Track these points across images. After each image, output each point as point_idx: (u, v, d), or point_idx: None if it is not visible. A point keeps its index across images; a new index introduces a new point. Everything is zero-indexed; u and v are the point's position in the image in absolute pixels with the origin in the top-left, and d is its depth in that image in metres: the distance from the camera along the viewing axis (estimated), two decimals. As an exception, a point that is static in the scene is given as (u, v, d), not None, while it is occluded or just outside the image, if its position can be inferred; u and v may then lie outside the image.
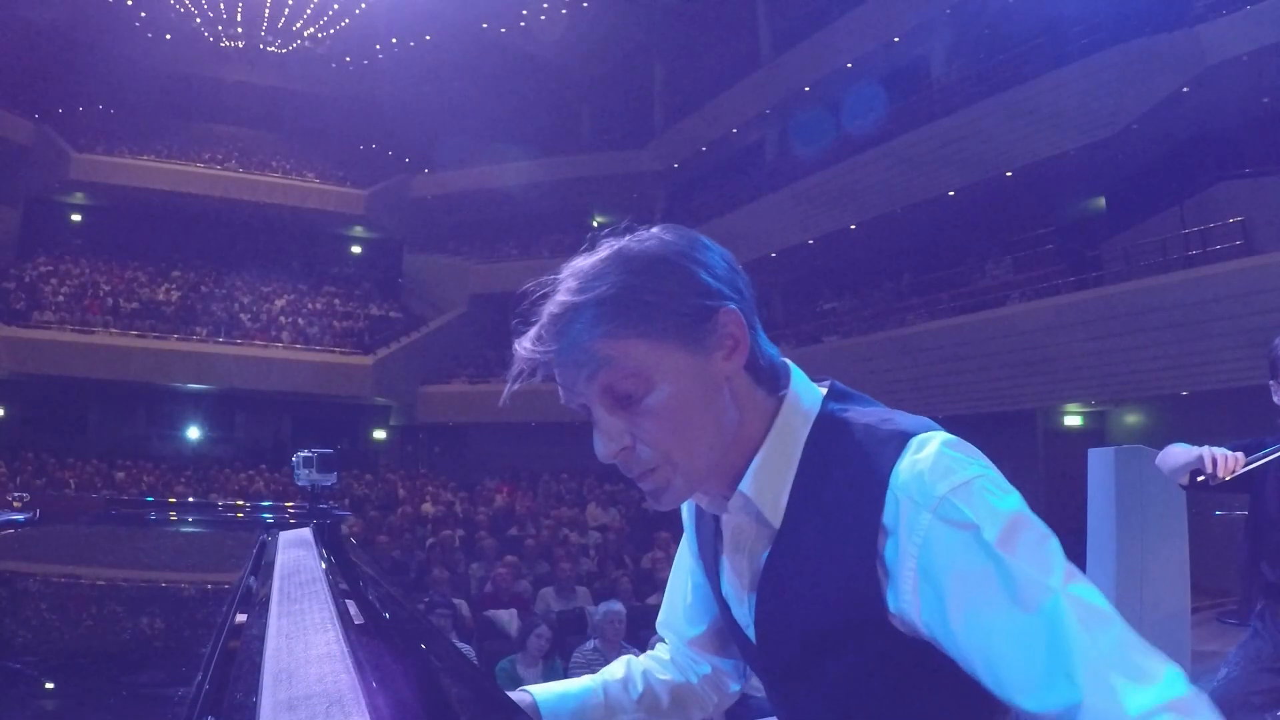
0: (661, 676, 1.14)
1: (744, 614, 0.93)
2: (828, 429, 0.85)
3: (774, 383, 0.88)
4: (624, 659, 1.17)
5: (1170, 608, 4.31)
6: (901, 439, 0.81)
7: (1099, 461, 4.79)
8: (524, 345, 0.84)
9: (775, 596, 0.87)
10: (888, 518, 0.78)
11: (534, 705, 1.06)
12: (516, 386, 0.86)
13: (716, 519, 0.95)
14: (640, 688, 1.12)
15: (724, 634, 1.09)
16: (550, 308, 0.83)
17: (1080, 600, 0.72)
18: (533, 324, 0.84)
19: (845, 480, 0.82)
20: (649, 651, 1.20)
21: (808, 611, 0.84)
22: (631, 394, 0.81)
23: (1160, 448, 4.72)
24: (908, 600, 0.78)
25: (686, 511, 1.08)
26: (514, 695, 1.04)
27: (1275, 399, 2.38)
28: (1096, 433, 13.04)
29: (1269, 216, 10.65)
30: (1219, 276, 10.21)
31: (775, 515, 0.85)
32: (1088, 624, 0.71)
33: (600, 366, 0.80)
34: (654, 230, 0.86)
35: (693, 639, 1.13)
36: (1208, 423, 10.00)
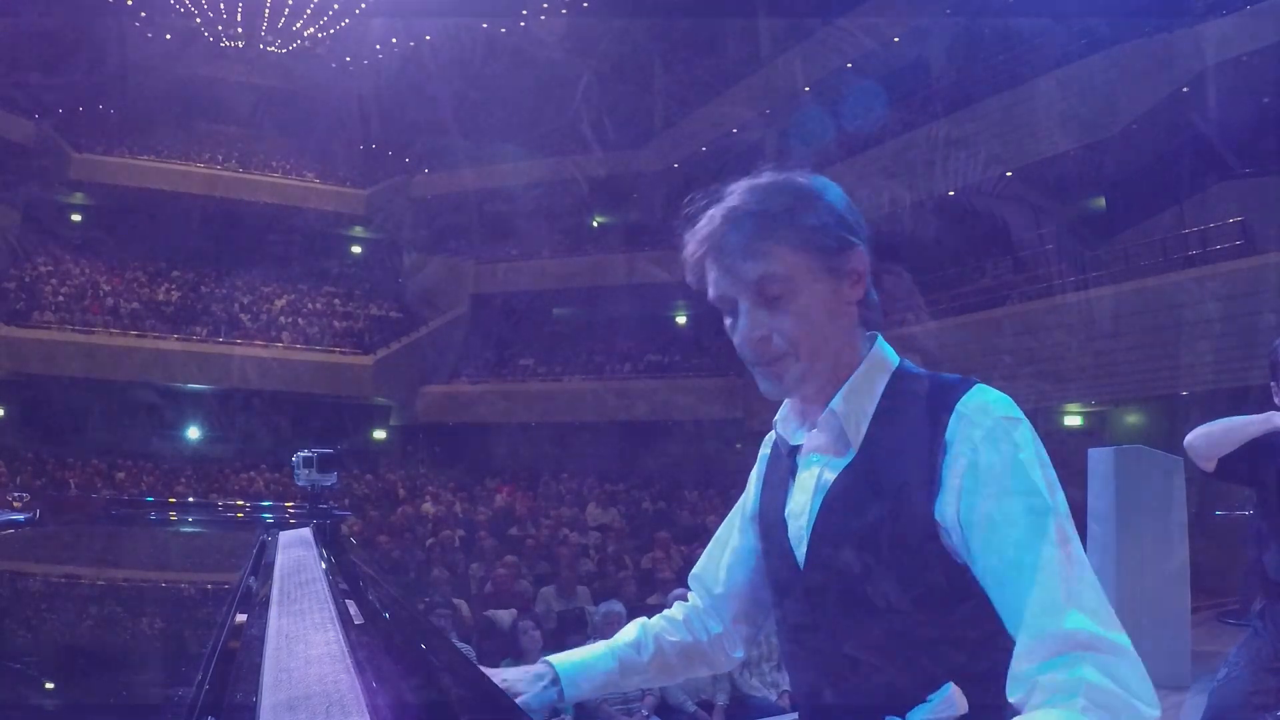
0: (671, 638, 1.22)
1: (799, 530, 1.04)
2: (905, 377, 1.03)
3: (871, 319, 1.05)
4: (637, 621, 1.25)
5: (1170, 608, 4.30)
6: (969, 382, 0.98)
7: (1099, 461, 4.79)
8: (696, 237, 1.01)
9: (838, 506, 1.00)
10: (949, 434, 0.93)
11: (555, 674, 1.15)
12: (690, 277, 1.04)
13: (791, 457, 1.09)
14: (651, 649, 1.21)
15: (748, 596, 1.20)
16: (723, 211, 0.99)
17: (1067, 533, 0.87)
18: (698, 224, 1.01)
19: (918, 413, 0.97)
20: (662, 612, 1.27)
21: (862, 521, 0.96)
22: (779, 295, 0.97)
23: (1160, 448, 4.70)
24: (950, 503, 0.91)
25: (757, 467, 1.20)
26: (536, 665, 1.16)
27: (1276, 400, 2.38)
28: (1096, 433, 13.04)
29: (1268, 216, 10.65)
30: (1219, 276, 10.21)
31: (856, 436, 1.00)
32: (1066, 549, 0.86)
33: (761, 267, 0.97)
34: (806, 173, 1.05)
35: (719, 594, 1.22)
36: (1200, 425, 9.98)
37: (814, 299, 0.98)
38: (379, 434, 22.40)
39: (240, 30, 21.73)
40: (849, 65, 17.03)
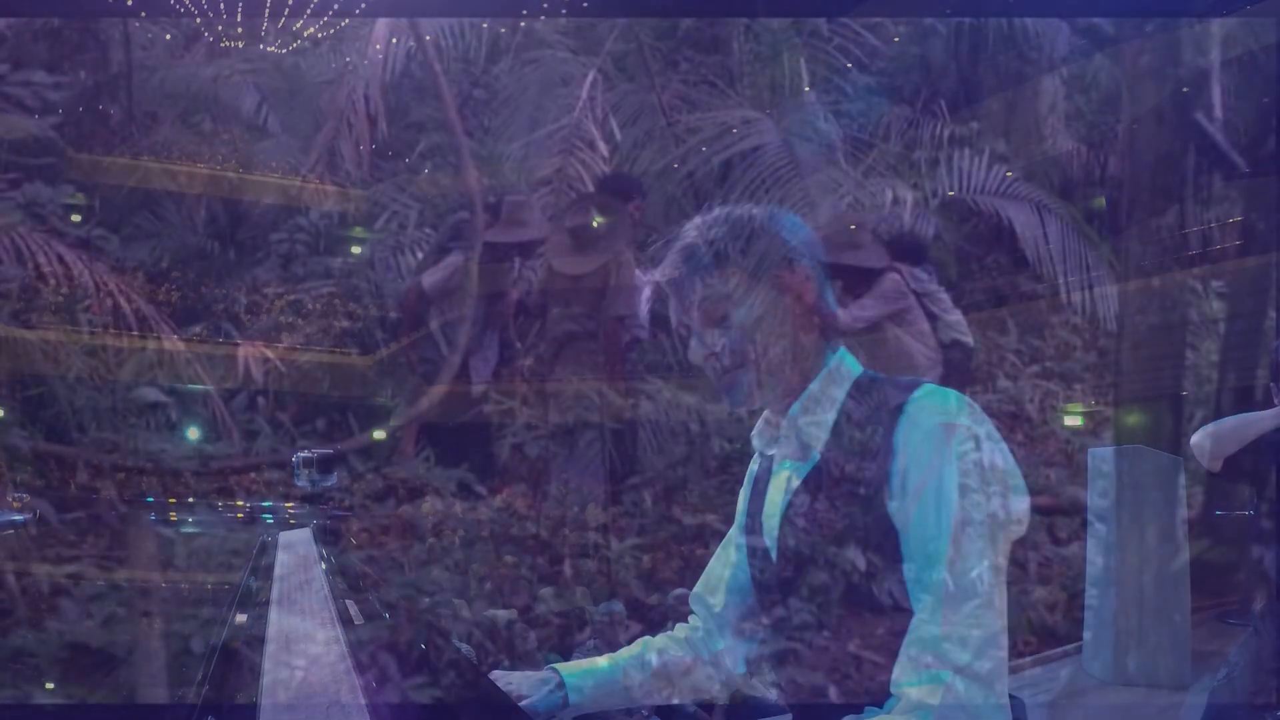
0: (675, 653, 1.27)
1: (770, 533, 1.11)
2: (866, 384, 1.10)
3: (828, 334, 1.12)
4: (642, 639, 1.31)
5: (1171, 607, 4.30)
6: (915, 384, 1.05)
7: (1100, 461, 4.80)
8: (656, 274, 1.13)
9: (802, 510, 1.06)
10: (895, 438, 1.00)
11: (559, 679, 1.19)
12: (645, 309, 1.30)
13: (769, 467, 1.16)
14: (654, 663, 1.26)
15: (747, 607, 1.24)
16: (675, 248, 1.13)
17: (969, 547, 0.93)
18: (660, 261, 1.13)
19: (874, 418, 1.04)
20: (665, 632, 1.33)
21: (825, 523, 1.03)
22: (723, 315, 1.08)
23: (1160, 448, 4.71)
24: (896, 504, 0.98)
25: (745, 481, 1.25)
26: (543, 672, 1.21)
27: (1277, 401, 2.38)
28: (1097, 432, 13.03)
29: (1268, 216, 10.65)
30: (1219, 276, 10.21)
31: (817, 442, 1.07)
32: (966, 565, 0.92)
33: (704, 292, 1.08)
34: (757, 204, 1.16)
35: (719, 610, 1.28)
36: (1207, 424, 9.99)
37: (757, 316, 1.08)
38: (379, 434, 22.44)
39: (240, 30, 21.77)
40: (849, 65, 17.05)
